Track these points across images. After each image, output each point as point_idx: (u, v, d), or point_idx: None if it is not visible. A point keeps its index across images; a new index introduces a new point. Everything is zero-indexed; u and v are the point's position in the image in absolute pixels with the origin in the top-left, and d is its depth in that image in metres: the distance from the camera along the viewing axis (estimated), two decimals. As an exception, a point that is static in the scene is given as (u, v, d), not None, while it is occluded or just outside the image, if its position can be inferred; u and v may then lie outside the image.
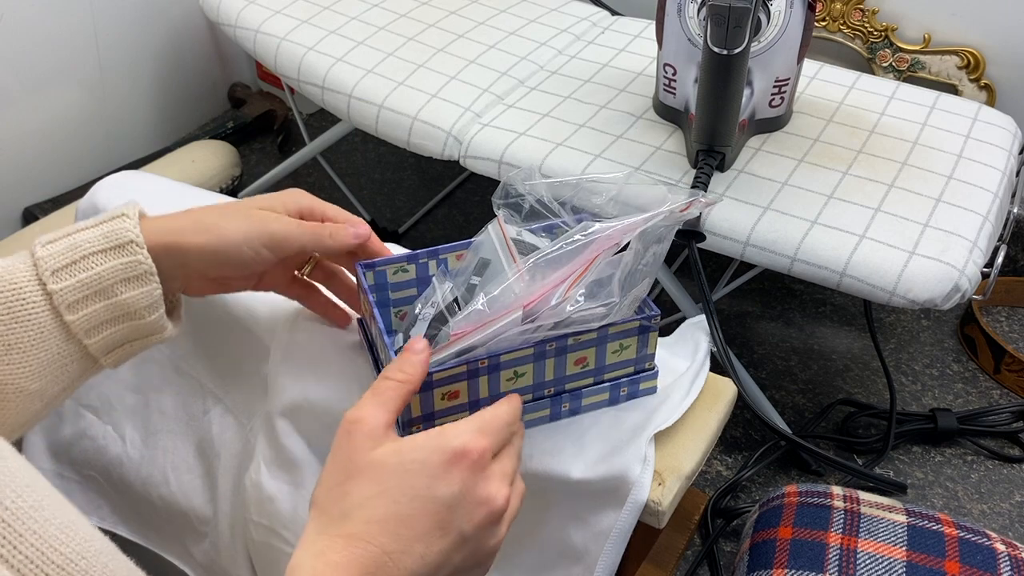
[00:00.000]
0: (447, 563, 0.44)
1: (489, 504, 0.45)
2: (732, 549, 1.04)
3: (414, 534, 0.43)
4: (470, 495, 0.45)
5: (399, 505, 0.44)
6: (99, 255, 0.54)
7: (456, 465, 0.45)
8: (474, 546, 0.45)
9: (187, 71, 1.68)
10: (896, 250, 0.89)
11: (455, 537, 0.44)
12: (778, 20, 0.93)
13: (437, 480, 0.44)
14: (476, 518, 0.45)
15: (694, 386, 0.66)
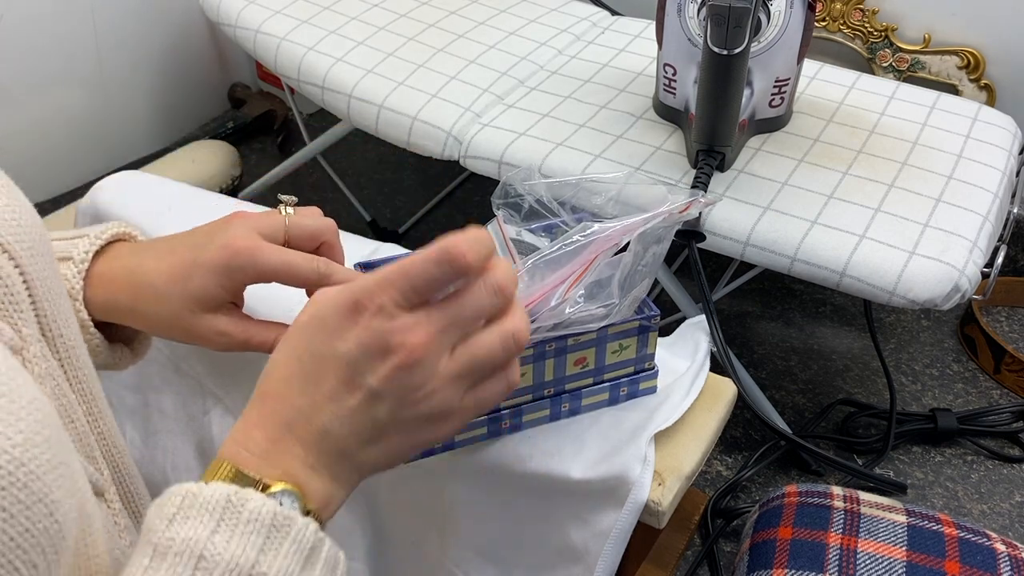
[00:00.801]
0: (369, 422, 0.41)
1: (393, 354, 0.40)
2: (732, 549, 1.04)
3: (321, 392, 0.41)
4: (371, 345, 0.41)
5: (302, 363, 0.42)
6: None
7: (355, 318, 0.41)
8: (396, 398, 0.41)
9: (187, 71, 1.68)
10: (896, 250, 0.89)
11: (365, 394, 0.41)
12: (778, 20, 0.93)
13: (335, 336, 0.41)
14: (382, 371, 0.41)
15: (694, 386, 0.66)
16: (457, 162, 1.08)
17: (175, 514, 0.37)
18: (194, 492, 0.38)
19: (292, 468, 0.41)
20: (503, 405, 0.61)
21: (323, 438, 0.41)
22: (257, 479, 0.40)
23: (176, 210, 0.80)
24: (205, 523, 0.37)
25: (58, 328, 0.42)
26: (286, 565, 0.38)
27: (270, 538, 0.38)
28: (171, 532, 0.37)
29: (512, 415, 0.61)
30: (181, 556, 0.36)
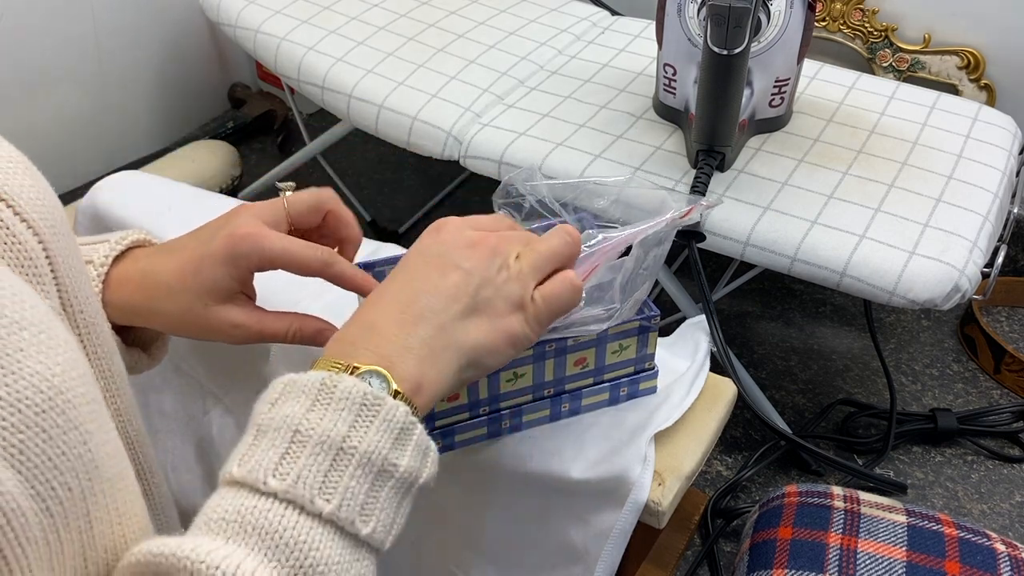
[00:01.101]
0: (461, 294, 0.47)
1: (480, 243, 0.49)
2: (732, 549, 1.04)
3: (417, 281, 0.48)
4: (457, 241, 0.49)
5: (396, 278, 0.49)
6: None
7: (439, 231, 0.51)
8: (483, 276, 0.48)
9: (187, 71, 1.68)
10: (896, 250, 0.89)
11: (457, 271, 0.48)
12: (778, 20, 0.93)
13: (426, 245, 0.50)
14: (471, 254, 0.49)
15: (694, 386, 0.66)
16: (457, 162, 1.08)
17: (277, 398, 0.42)
18: (294, 379, 0.42)
19: (383, 350, 0.45)
20: (503, 405, 0.61)
21: (421, 314, 0.46)
22: (346, 364, 0.43)
23: (176, 210, 0.80)
24: (302, 402, 0.41)
25: (79, 304, 0.43)
26: (376, 441, 0.41)
27: (360, 415, 0.41)
28: (272, 412, 0.41)
29: (512, 415, 0.61)
30: (279, 431, 0.40)
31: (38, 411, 0.32)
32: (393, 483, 0.41)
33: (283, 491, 0.38)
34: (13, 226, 0.38)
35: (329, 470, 0.39)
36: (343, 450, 0.40)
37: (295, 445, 0.39)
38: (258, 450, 0.40)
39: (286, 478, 0.38)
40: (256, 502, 0.38)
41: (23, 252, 0.39)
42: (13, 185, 0.39)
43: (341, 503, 0.39)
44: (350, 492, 0.39)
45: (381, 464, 0.41)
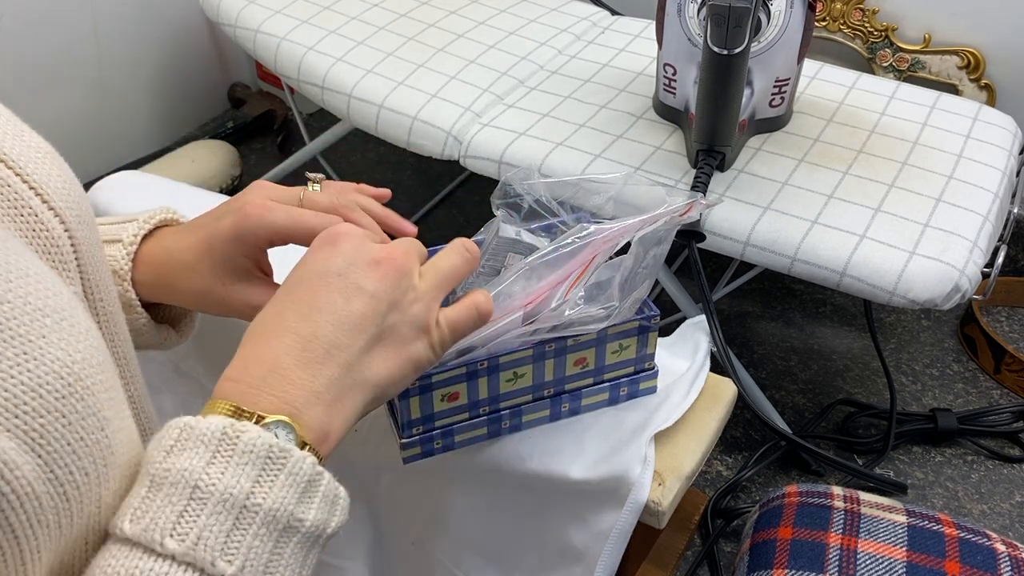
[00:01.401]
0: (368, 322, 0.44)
1: (385, 261, 0.46)
2: (732, 549, 1.04)
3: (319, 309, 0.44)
4: (359, 259, 0.45)
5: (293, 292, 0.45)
6: None
7: (335, 244, 0.46)
8: (390, 300, 0.45)
9: (187, 71, 1.68)
10: (896, 250, 0.89)
11: (363, 295, 0.44)
12: (778, 20, 0.93)
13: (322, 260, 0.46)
14: (376, 274, 0.45)
15: (694, 386, 0.66)
16: (457, 162, 1.08)
17: (172, 446, 0.38)
18: (191, 425, 0.39)
19: (288, 396, 0.41)
20: (503, 405, 0.61)
21: (327, 352, 0.43)
22: (252, 412, 0.40)
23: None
24: (201, 454, 0.38)
25: (100, 292, 0.43)
26: (282, 496, 0.38)
27: (265, 469, 0.38)
28: (168, 463, 0.38)
29: (512, 415, 0.61)
30: (176, 486, 0.37)
31: (58, 396, 0.32)
32: (299, 538, 0.39)
33: (182, 553, 0.35)
34: (42, 214, 0.39)
35: (232, 530, 0.37)
36: (246, 508, 0.37)
37: (194, 502, 0.36)
38: (153, 505, 0.36)
39: (185, 539, 0.36)
40: (152, 564, 0.35)
41: (50, 239, 0.39)
42: (42, 175, 0.40)
43: (244, 564, 0.37)
44: (253, 552, 0.37)
45: (287, 521, 0.38)
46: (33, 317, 0.33)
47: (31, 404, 0.31)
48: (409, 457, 0.60)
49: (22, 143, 0.40)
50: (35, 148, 0.41)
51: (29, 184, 0.39)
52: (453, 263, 0.49)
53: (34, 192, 0.39)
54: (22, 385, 0.31)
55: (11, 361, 0.31)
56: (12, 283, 0.33)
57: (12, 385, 0.31)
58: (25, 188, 0.39)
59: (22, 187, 0.39)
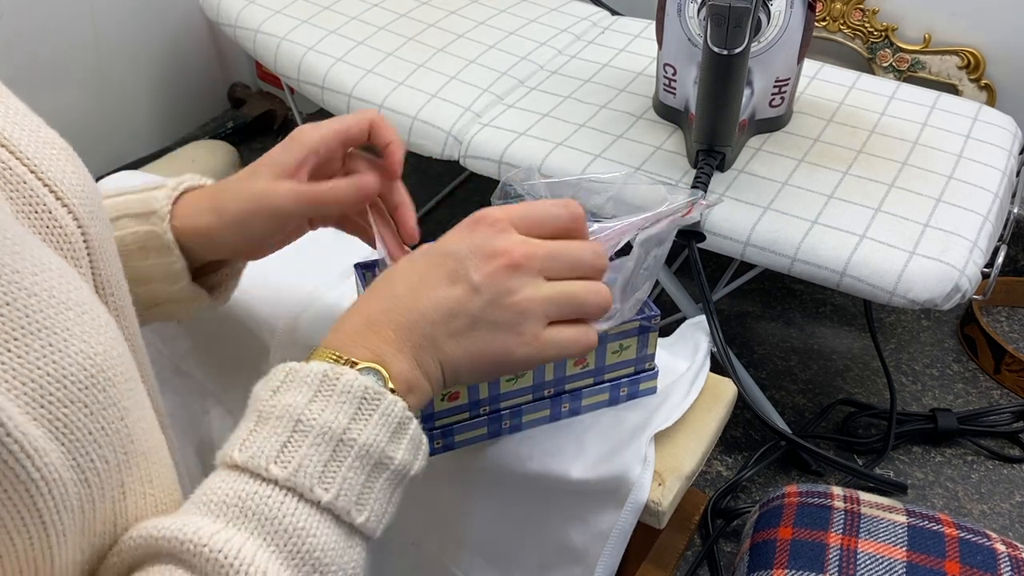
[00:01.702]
0: (463, 310, 0.46)
1: (501, 255, 0.46)
2: (732, 549, 1.04)
3: (426, 283, 0.47)
4: (481, 248, 0.47)
5: (416, 262, 0.48)
6: (129, 219, 0.56)
7: (473, 228, 0.48)
8: (491, 296, 0.46)
9: (187, 71, 1.68)
10: (896, 250, 0.89)
11: (465, 284, 0.46)
12: (778, 20, 0.93)
13: (453, 240, 0.48)
14: (487, 267, 0.46)
15: (694, 386, 0.66)
16: (457, 162, 1.08)
17: (279, 386, 0.42)
18: (296, 368, 0.43)
19: (379, 349, 0.45)
20: (503, 405, 0.61)
21: (416, 322, 0.46)
22: (346, 357, 0.44)
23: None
24: (304, 392, 0.42)
25: (111, 287, 0.45)
26: (374, 434, 0.42)
27: (361, 409, 0.42)
28: (274, 400, 0.42)
29: (512, 415, 0.61)
30: (281, 420, 0.41)
31: (82, 387, 0.34)
32: (388, 475, 0.42)
33: (284, 479, 0.39)
34: (56, 211, 0.40)
35: (329, 460, 0.40)
36: (343, 442, 0.41)
37: (297, 434, 0.40)
38: (259, 437, 0.40)
39: (287, 466, 0.39)
40: (257, 488, 0.39)
41: (64, 236, 0.40)
42: (56, 172, 0.41)
43: (339, 493, 0.40)
44: (348, 483, 0.40)
45: (378, 457, 0.42)
46: (58, 310, 0.34)
47: (57, 394, 0.33)
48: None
49: (37, 139, 0.41)
50: (50, 144, 0.42)
51: (44, 181, 0.40)
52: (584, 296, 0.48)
53: (48, 189, 0.40)
54: (48, 376, 0.32)
55: (38, 353, 0.32)
56: (38, 276, 0.34)
57: (39, 376, 0.32)
58: (39, 185, 0.40)
59: (37, 184, 0.40)
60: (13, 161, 0.39)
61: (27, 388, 0.32)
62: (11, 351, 0.32)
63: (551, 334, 0.48)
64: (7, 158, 0.39)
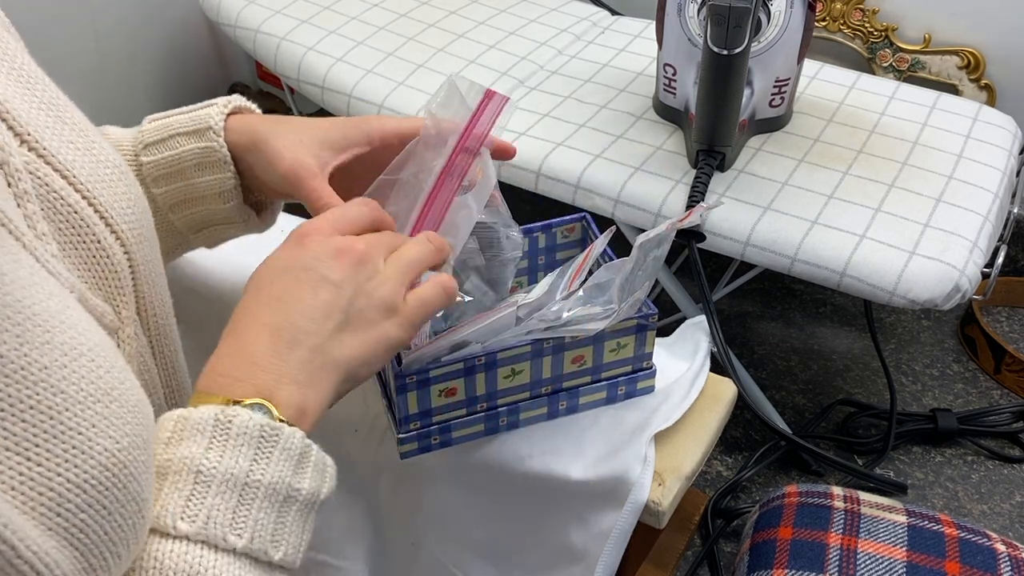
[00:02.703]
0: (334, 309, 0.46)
1: (347, 252, 0.47)
2: (732, 549, 1.04)
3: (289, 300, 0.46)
4: (323, 253, 0.47)
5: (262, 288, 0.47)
6: (183, 137, 0.57)
7: (302, 241, 0.48)
8: (353, 287, 0.47)
9: (187, 71, 1.68)
10: (896, 250, 0.89)
11: (327, 286, 0.46)
12: (778, 20, 0.93)
13: (289, 256, 0.48)
14: (339, 264, 0.47)
15: (694, 386, 0.66)
16: (457, 162, 1.08)
17: (170, 437, 0.41)
18: (185, 416, 0.41)
19: (261, 381, 0.43)
20: (500, 402, 0.61)
21: (296, 337, 0.45)
22: (229, 399, 0.42)
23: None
24: (199, 441, 0.40)
25: (153, 308, 0.45)
26: (278, 470, 0.41)
27: (260, 448, 0.41)
28: (168, 453, 0.40)
29: (509, 412, 0.61)
30: (180, 473, 0.39)
31: (101, 489, 0.33)
32: (298, 507, 0.42)
33: (194, 533, 0.38)
34: (104, 239, 0.40)
35: (237, 506, 0.39)
36: (248, 485, 0.40)
37: (199, 486, 0.39)
38: (161, 494, 0.39)
39: (195, 520, 0.38)
40: (170, 546, 0.38)
41: (109, 265, 0.41)
42: (108, 196, 0.41)
43: (253, 536, 0.39)
44: (259, 524, 0.40)
45: (285, 492, 0.41)
46: (85, 405, 0.33)
47: (75, 500, 0.32)
48: (406, 452, 0.60)
49: (92, 159, 0.41)
50: (104, 163, 0.42)
51: (95, 208, 0.40)
52: (418, 252, 0.51)
53: (99, 216, 0.40)
54: (68, 483, 0.32)
55: (60, 458, 0.32)
56: (67, 368, 0.33)
57: (59, 484, 0.31)
58: (91, 212, 0.40)
59: (88, 211, 0.40)
60: (67, 189, 0.39)
61: (44, 498, 0.31)
62: (31, 459, 0.31)
63: (413, 299, 0.49)
64: (61, 186, 0.39)
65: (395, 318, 0.48)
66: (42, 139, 0.39)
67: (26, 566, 0.30)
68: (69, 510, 0.32)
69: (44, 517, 0.31)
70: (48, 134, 0.39)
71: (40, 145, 0.39)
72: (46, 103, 0.40)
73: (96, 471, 0.33)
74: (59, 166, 0.39)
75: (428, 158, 0.57)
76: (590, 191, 0.98)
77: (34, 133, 0.38)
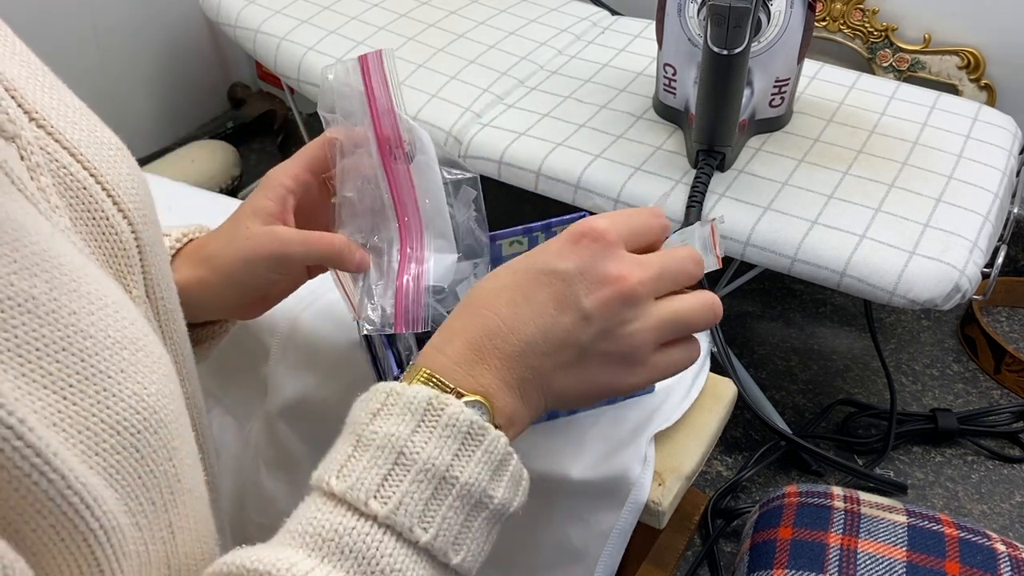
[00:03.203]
0: (573, 341, 0.43)
1: (614, 283, 0.43)
2: (732, 549, 1.04)
3: (532, 306, 0.43)
4: (590, 271, 0.43)
5: (517, 276, 0.44)
6: None
7: (578, 243, 0.44)
8: (603, 327, 0.43)
9: (187, 71, 1.68)
10: (896, 250, 0.89)
11: (575, 313, 0.43)
12: (778, 20, 0.93)
13: (557, 256, 0.44)
14: (599, 294, 0.43)
15: (694, 386, 0.66)
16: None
17: (379, 409, 0.40)
18: (398, 391, 0.40)
19: (486, 380, 0.43)
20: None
21: (524, 352, 0.43)
22: (452, 387, 0.42)
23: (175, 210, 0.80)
24: (407, 422, 0.40)
25: (160, 291, 0.44)
26: (477, 472, 0.40)
27: (465, 444, 0.40)
28: (375, 426, 0.40)
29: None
30: (383, 450, 0.39)
31: (134, 432, 0.33)
32: (487, 514, 0.41)
33: (384, 516, 0.38)
34: (112, 216, 0.40)
35: (430, 499, 0.39)
36: (445, 479, 0.39)
37: (398, 467, 0.39)
38: (359, 465, 0.39)
39: (387, 502, 0.38)
40: (355, 523, 0.38)
41: (118, 242, 0.40)
42: (114, 175, 0.40)
43: (438, 533, 0.39)
44: (447, 522, 0.39)
45: (479, 496, 0.40)
46: (113, 351, 0.33)
47: (111, 441, 0.32)
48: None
49: (96, 140, 0.40)
50: (107, 144, 0.41)
51: (103, 185, 0.40)
52: (692, 308, 0.45)
53: (106, 193, 0.40)
54: (103, 423, 0.32)
55: (93, 399, 0.32)
56: (94, 316, 0.33)
57: (94, 423, 0.31)
58: (99, 189, 0.39)
59: (96, 188, 0.39)
60: (75, 166, 0.38)
61: (83, 436, 0.31)
62: (67, 399, 0.31)
63: (660, 359, 0.45)
64: (69, 162, 0.38)
65: (636, 369, 0.45)
66: (49, 118, 0.38)
67: (75, 497, 0.30)
68: (105, 450, 0.32)
69: (84, 455, 0.31)
70: (54, 114, 0.39)
71: (48, 123, 0.38)
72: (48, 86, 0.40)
73: (128, 414, 0.33)
74: (67, 144, 0.39)
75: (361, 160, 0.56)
76: (590, 191, 0.98)
77: (41, 111, 0.38)
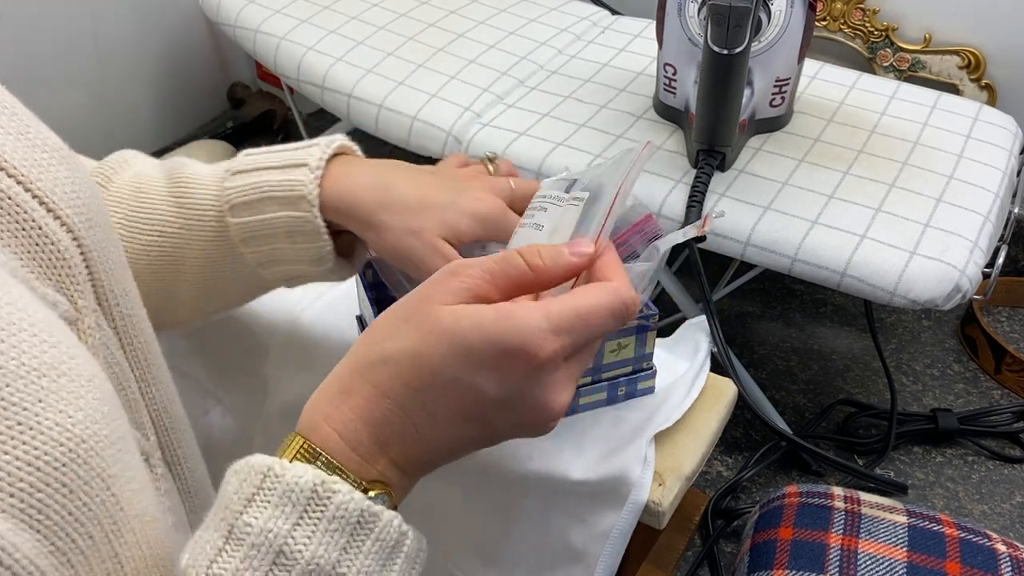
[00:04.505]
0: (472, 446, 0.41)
1: (545, 411, 0.39)
2: (732, 550, 1.04)
3: (446, 416, 0.39)
4: (522, 399, 0.39)
5: (435, 377, 0.38)
6: (274, 202, 0.54)
7: (512, 363, 0.38)
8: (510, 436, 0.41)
9: (187, 71, 1.68)
10: (897, 250, 0.89)
11: (490, 431, 0.40)
12: (779, 20, 0.93)
13: (485, 372, 0.38)
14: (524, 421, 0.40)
15: (694, 386, 0.66)
16: (457, 162, 1.08)
17: (254, 495, 0.36)
18: (277, 473, 0.36)
19: (388, 471, 0.39)
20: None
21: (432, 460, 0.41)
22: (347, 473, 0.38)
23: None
24: (287, 514, 0.35)
25: (115, 297, 0.42)
26: (367, 565, 0.36)
27: (354, 536, 0.36)
28: (249, 516, 0.35)
29: (512, 415, 0.61)
30: (259, 548, 0.35)
31: (57, 466, 0.31)
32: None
33: None
34: (46, 226, 0.37)
35: None
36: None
37: (277, 569, 0.35)
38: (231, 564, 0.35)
39: None
40: None
41: (55, 253, 0.37)
42: (47, 180, 0.38)
43: None
44: None
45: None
46: (28, 380, 0.31)
47: (28, 479, 0.30)
48: None
49: (26, 143, 0.38)
50: (40, 147, 0.38)
51: (32, 192, 0.37)
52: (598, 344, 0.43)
53: (38, 201, 0.37)
54: (18, 460, 0.30)
55: (5, 435, 0.29)
56: (5, 343, 0.31)
57: (7, 462, 0.29)
58: (28, 198, 0.36)
59: (24, 197, 0.36)
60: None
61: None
62: None
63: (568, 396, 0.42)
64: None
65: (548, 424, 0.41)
66: None
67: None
68: (23, 489, 0.29)
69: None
70: None
71: None
72: None
73: (48, 446, 0.30)
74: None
75: None
76: (590, 191, 0.98)
77: None
